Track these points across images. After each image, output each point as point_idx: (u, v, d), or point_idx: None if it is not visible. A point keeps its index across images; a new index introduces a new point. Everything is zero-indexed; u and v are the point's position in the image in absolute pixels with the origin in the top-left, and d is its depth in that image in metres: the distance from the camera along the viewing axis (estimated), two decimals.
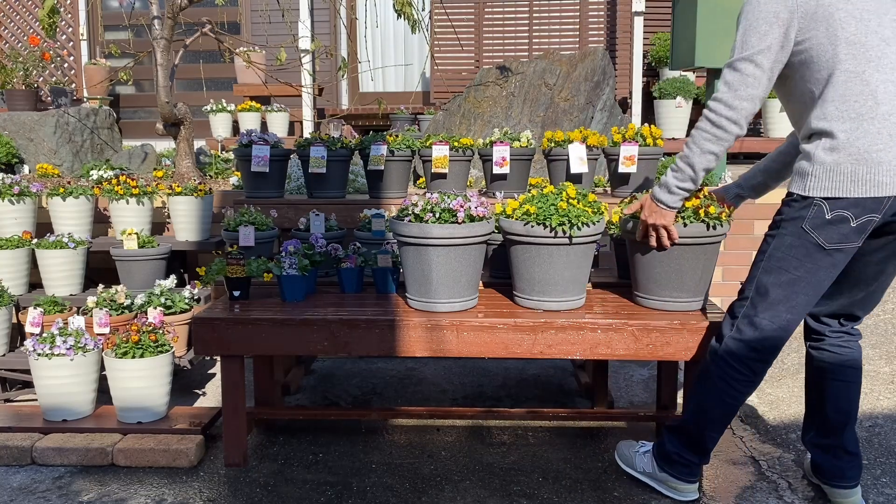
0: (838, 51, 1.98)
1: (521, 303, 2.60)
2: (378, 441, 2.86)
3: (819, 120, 2.03)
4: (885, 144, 1.96)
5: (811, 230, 2.04)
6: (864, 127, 1.97)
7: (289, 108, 6.74)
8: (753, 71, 2.06)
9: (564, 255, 2.46)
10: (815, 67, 2.03)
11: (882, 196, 1.97)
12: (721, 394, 2.23)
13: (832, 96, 2.00)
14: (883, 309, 3.83)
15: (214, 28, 4.67)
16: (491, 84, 4.95)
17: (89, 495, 2.45)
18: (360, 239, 3.02)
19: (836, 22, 1.99)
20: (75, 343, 2.87)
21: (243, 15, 7.44)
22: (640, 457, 2.47)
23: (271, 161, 3.36)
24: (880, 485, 2.46)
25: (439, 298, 2.52)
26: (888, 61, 1.98)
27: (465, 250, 2.48)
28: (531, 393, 3.43)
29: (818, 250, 2.05)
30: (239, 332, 2.51)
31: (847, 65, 1.98)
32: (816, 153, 2.03)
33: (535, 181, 3.70)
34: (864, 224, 2.00)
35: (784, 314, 2.13)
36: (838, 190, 1.99)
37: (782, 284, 2.11)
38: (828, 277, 2.10)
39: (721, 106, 2.11)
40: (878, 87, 1.97)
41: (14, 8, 7.43)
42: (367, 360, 3.89)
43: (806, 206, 2.05)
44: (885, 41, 1.99)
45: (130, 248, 3.62)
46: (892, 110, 1.96)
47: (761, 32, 2.04)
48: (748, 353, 2.17)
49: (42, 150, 5.20)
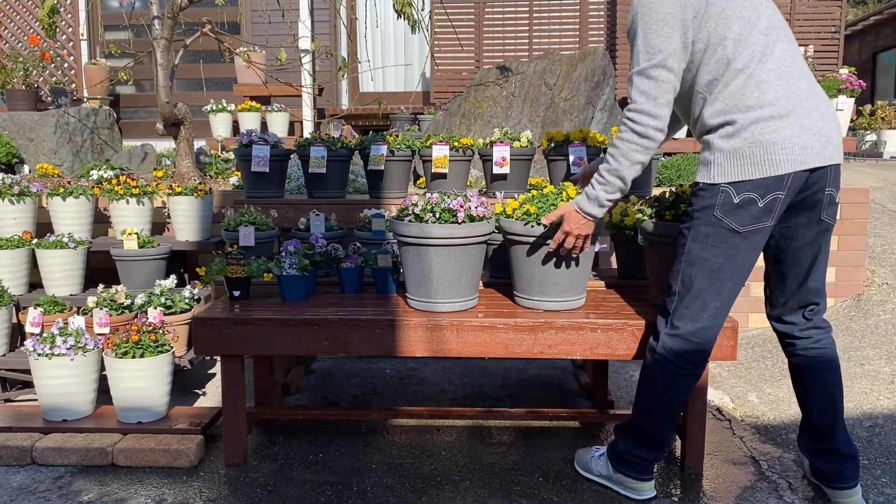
0: (727, 50, 2.07)
1: (521, 303, 2.60)
2: (378, 441, 2.86)
3: (714, 116, 2.11)
4: (776, 127, 2.04)
5: (723, 216, 2.10)
6: (755, 114, 2.05)
7: (289, 108, 6.75)
8: (667, 76, 2.11)
9: (565, 256, 2.46)
10: (707, 66, 2.11)
11: (782, 174, 2.04)
12: (666, 390, 2.26)
13: (724, 93, 2.09)
14: (883, 309, 3.83)
15: (214, 28, 4.67)
16: (491, 84, 4.95)
17: (89, 495, 2.45)
18: (360, 239, 3.02)
19: (723, 21, 2.07)
20: (75, 343, 2.87)
21: (243, 15, 7.45)
22: (596, 461, 2.50)
23: (271, 161, 3.36)
24: (880, 485, 2.46)
25: (439, 298, 2.52)
26: (768, 52, 2.07)
27: (464, 250, 2.48)
28: (531, 393, 3.43)
29: (734, 235, 2.10)
30: (239, 332, 2.51)
31: (736, 63, 2.07)
32: (715, 142, 2.11)
33: (535, 181, 3.70)
34: (770, 203, 2.07)
35: (712, 303, 2.17)
36: (741, 174, 2.06)
37: (706, 274, 2.15)
38: (748, 260, 2.15)
39: (644, 117, 2.14)
40: (764, 78, 2.06)
41: (14, 8, 7.43)
42: (367, 360, 3.89)
43: (714, 193, 2.10)
44: (765, 34, 2.08)
45: (130, 248, 3.62)
46: (777, 97, 2.05)
47: (665, 35, 2.09)
48: (685, 346, 2.20)
49: (42, 150, 5.20)
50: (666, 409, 2.29)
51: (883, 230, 4.55)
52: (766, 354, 3.69)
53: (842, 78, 6.46)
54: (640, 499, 2.38)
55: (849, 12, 14.45)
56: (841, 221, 4.03)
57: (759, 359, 3.67)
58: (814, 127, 2.06)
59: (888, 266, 4.19)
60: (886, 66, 11.67)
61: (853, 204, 4.04)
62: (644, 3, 2.12)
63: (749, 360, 3.68)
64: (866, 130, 7.44)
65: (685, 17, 2.08)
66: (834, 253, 4.06)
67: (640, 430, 2.34)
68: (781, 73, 2.07)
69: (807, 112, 2.06)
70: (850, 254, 4.06)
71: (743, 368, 3.60)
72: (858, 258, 4.07)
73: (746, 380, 3.46)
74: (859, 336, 3.66)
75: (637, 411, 2.35)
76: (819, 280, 2.25)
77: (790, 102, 2.05)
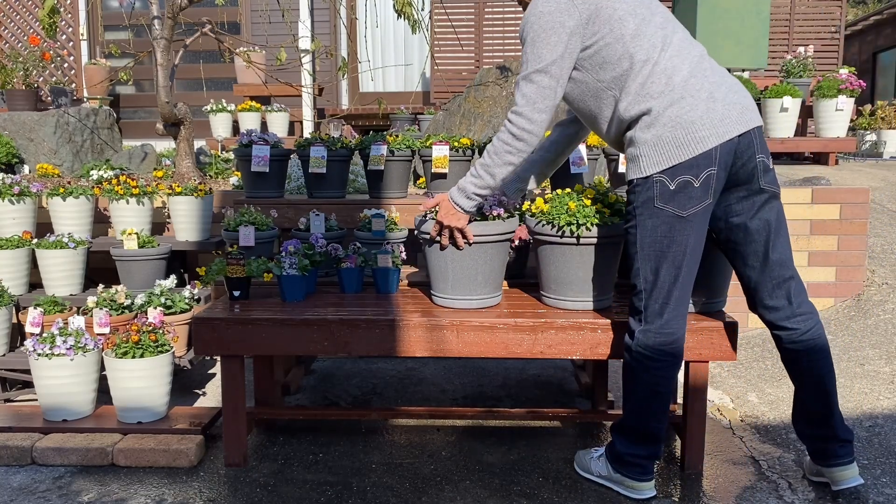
0: (627, 46, 2.14)
1: (545, 301, 2.62)
2: (378, 441, 2.86)
3: (629, 109, 2.16)
4: (690, 106, 2.09)
5: (664, 205, 2.13)
6: (666, 99, 2.11)
7: (289, 108, 6.75)
8: (549, 82, 2.19)
9: (578, 256, 2.47)
10: (611, 66, 2.17)
11: (709, 149, 2.08)
12: (650, 385, 2.27)
13: (633, 87, 2.14)
14: (883, 309, 3.83)
15: (214, 28, 4.67)
16: (491, 84, 4.95)
17: (89, 495, 2.45)
18: (360, 239, 3.03)
19: (617, 21, 2.15)
20: (75, 343, 2.87)
21: (243, 15, 7.45)
22: (595, 461, 2.50)
23: (271, 161, 3.36)
24: (880, 485, 2.46)
25: (458, 295, 2.55)
26: (668, 42, 2.15)
27: (480, 248, 2.49)
28: (531, 393, 3.43)
29: (678, 220, 2.13)
30: (239, 332, 2.51)
31: (639, 55, 2.13)
32: (637, 135, 2.16)
33: None
34: (706, 180, 2.11)
35: (676, 292, 2.20)
36: (669, 159, 2.10)
37: (663, 265, 2.17)
38: (699, 241, 2.18)
39: (522, 119, 2.21)
40: (668, 64, 2.13)
41: (14, 8, 7.43)
42: (367, 360, 3.89)
43: (649, 185, 2.14)
44: (662, 27, 2.17)
45: (130, 248, 3.62)
46: (684, 78, 2.11)
47: (552, 43, 2.16)
48: (660, 339, 2.22)
49: (42, 150, 5.20)
50: (655, 403, 2.30)
51: (883, 230, 4.55)
52: (766, 354, 3.69)
53: (842, 78, 6.46)
54: (640, 498, 2.38)
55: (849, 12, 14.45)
56: (841, 221, 4.03)
57: (758, 359, 3.67)
58: (725, 98, 2.12)
59: (888, 266, 4.19)
60: (886, 66, 11.68)
61: (853, 204, 4.04)
62: (534, 12, 2.19)
63: (749, 360, 3.68)
64: (866, 130, 7.45)
65: (574, 24, 2.15)
66: (834, 253, 4.06)
67: (634, 428, 2.35)
68: (684, 58, 2.14)
69: (715, 86, 2.13)
70: (850, 254, 4.06)
71: (743, 368, 3.60)
72: (858, 258, 4.07)
73: (746, 380, 3.46)
74: (859, 336, 3.66)
75: (627, 410, 2.36)
76: (782, 252, 2.26)
77: (697, 81, 2.11)
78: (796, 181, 4.62)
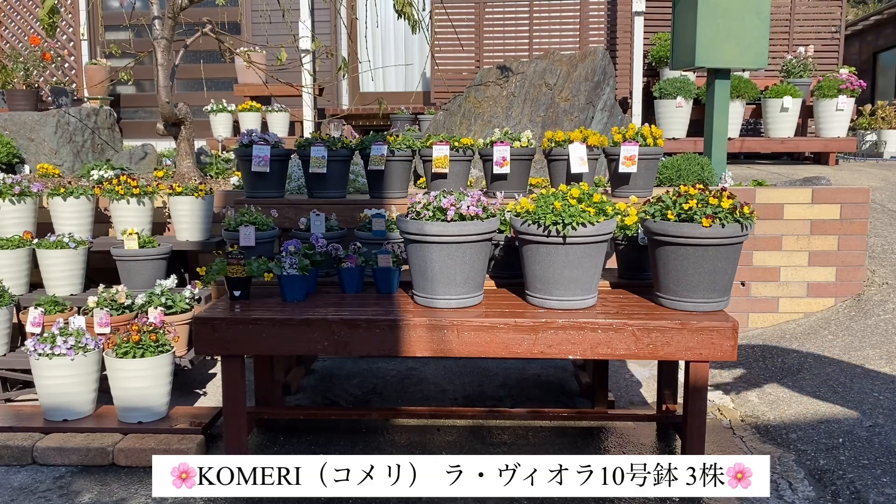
0: None
1: (530, 301, 2.61)
2: (378, 441, 2.86)
3: None
4: None
5: None
6: None
7: (289, 108, 6.75)
8: None
9: (563, 255, 2.46)
10: None
11: None
12: None
13: None
14: (883, 309, 3.83)
15: (215, 28, 4.67)
16: (491, 84, 4.95)
17: (90, 495, 2.45)
18: (360, 239, 3.03)
19: None
20: (76, 343, 2.87)
21: (243, 15, 7.44)
22: None
23: (272, 161, 3.36)
24: (880, 485, 2.46)
25: (437, 294, 2.54)
26: None
27: (458, 248, 2.48)
28: (531, 393, 3.43)
29: None
30: (239, 332, 2.51)
31: None
32: None
33: (536, 181, 3.71)
34: None
35: None
36: None
37: None
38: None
39: None
40: None
41: (14, 8, 7.43)
42: (367, 360, 3.89)
43: None
44: None
45: (131, 248, 3.62)
46: None
47: None
48: None
49: (43, 150, 5.21)
50: None
51: (883, 230, 4.55)
52: (766, 354, 3.69)
53: (842, 78, 6.47)
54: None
55: (849, 12, 14.44)
56: (841, 221, 4.03)
57: (759, 359, 3.67)
58: None
59: (888, 266, 4.18)
60: (886, 66, 11.67)
61: (853, 204, 4.03)
62: None
63: (749, 359, 3.68)
64: (866, 130, 7.45)
65: None
66: (834, 253, 4.06)
67: None
68: None
69: None
70: (851, 254, 4.06)
71: (743, 368, 3.60)
72: (858, 258, 4.07)
73: (746, 380, 3.46)
74: (859, 336, 3.66)
75: None
76: None
77: None
78: (796, 181, 4.62)
